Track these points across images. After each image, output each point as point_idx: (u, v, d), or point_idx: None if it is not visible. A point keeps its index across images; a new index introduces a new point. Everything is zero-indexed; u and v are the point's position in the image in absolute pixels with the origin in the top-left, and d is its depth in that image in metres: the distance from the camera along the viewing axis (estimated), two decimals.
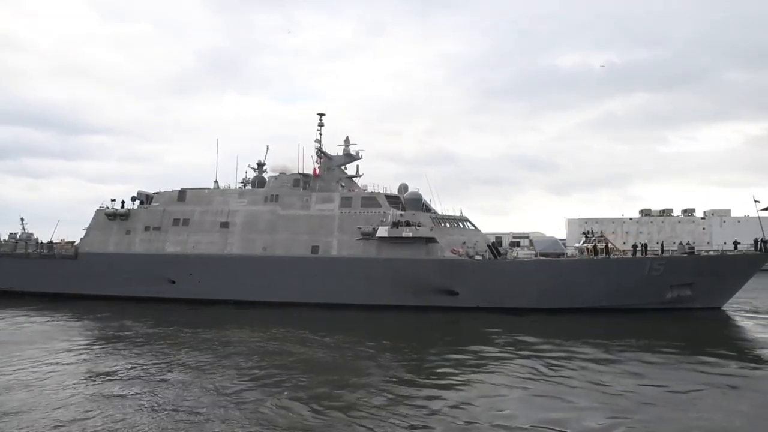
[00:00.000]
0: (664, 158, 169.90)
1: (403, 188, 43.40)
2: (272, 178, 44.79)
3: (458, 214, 41.88)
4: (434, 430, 14.43)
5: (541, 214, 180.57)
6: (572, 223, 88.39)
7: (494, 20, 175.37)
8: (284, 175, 43.95)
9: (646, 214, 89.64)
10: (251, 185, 45.94)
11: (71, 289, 43.40)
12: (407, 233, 37.10)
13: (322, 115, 44.96)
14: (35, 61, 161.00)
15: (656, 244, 46.84)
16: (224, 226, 42.59)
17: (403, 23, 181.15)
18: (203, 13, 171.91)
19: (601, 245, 38.24)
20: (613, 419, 15.10)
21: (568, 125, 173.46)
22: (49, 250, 47.79)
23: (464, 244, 38.11)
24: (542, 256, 38.53)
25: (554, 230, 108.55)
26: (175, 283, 41.70)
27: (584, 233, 42.78)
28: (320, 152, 44.03)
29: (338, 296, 37.71)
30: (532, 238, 53.01)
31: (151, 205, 45.59)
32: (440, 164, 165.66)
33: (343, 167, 44.69)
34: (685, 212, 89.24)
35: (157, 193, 46.13)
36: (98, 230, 45.42)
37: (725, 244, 45.82)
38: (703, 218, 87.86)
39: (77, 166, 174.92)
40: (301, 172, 43.64)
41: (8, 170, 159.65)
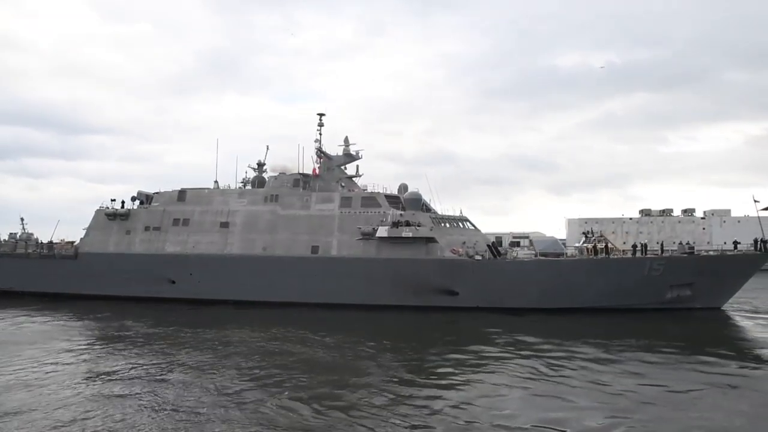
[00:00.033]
0: (664, 158, 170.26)
1: (403, 188, 43.40)
2: (272, 178, 44.80)
3: (458, 214, 41.91)
4: (435, 429, 14.44)
5: (541, 214, 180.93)
6: (572, 223, 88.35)
7: (494, 20, 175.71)
8: (284, 175, 43.96)
9: (646, 214, 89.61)
10: (251, 185, 45.94)
11: (71, 289, 43.42)
12: (407, 233, 37.10)
13: (322, 115, 45.07)
14: (35, 61, 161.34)
15: (656, 244, 46.75)
16: (224, 226, 42.60)
17: (403, 23, 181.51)
18: (203, 13, 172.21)
19: (601, 245, 38.24)
20: (613, 419, 15.13)
21: (568, 125, 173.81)
22: (49, 250, 47.81)
23: (464, 244, 38.11)
24: (542, 256, 38.57)
25: (554, 230, 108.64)
26: (175, 283, 41.71)
27: (584, 233, 42.79)
28: (320, 152, 44.04)
29: (338, 296, 37.71)
30: (532, 238, 53.14)
31: (151, 205, 45.61)
32: (440, 164, 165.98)
33: (343, 167, 44.68)
34: (685, 212, 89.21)
35: (157, 193, 46.16)
36: (98, 230, 45.45)
37: (725, 244, 45.74)
38: (703, 218, 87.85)
39: (77, 166, 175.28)
40: (301, 172, 43.67)
41: (8, 170, 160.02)
